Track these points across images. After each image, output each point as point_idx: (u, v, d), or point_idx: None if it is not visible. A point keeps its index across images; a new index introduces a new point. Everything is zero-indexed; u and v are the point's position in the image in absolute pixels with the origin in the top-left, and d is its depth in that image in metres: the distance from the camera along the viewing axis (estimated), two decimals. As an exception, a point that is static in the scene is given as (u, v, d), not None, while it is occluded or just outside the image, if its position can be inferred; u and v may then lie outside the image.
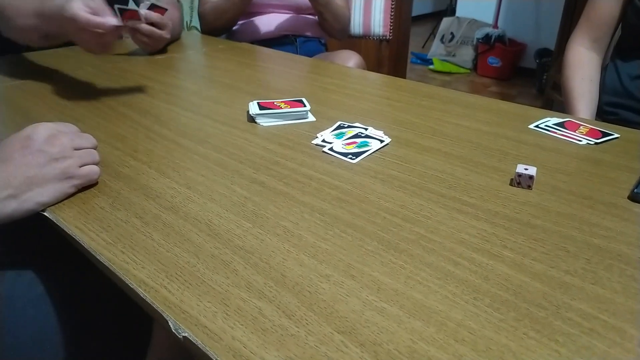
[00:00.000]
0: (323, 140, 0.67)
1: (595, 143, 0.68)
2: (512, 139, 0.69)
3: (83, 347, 0.61)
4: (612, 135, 0.70)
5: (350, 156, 0.62)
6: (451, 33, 3.71)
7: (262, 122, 0.74)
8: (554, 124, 0.74)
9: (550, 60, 2.92)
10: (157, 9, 0.94)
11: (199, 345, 0.34)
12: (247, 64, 1.11)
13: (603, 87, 1.00)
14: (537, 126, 0.73)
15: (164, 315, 0.36)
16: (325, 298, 0.38)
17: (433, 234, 0.46)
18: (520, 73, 3.50)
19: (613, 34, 1.01)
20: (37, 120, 0.54)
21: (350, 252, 0.43)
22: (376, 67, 1.82)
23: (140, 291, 0.38)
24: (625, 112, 0.96)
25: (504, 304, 0.37)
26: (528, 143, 0.68)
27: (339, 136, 0.68)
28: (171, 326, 0.35)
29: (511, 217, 0.49)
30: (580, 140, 0.68)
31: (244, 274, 0.41)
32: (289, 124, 0.74)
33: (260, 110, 0.74)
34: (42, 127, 0.51)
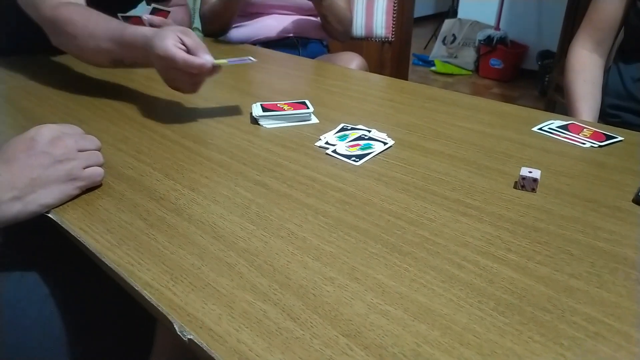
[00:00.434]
0: (326, 143, 0.67)
1: (599, 146, 0.68)
2: (515, 141, 0.69)
3: (87, 348, 0.61)
4: (615, 138, 0.70)
5: (353, 158, 0.62)
6: (453, 35, 3.70)
7: (265, 124, 0.74)
8: (557, 127, 0.74)
9: (553, 62, 2.92)
10: (159, 12, 0.94)
11: (204, 348, 0.34)
12: (250, 65, 1.11)
13: (605, 90, 1.00)
14: (540, 129, 0.73)
15: (169, 317, 0.36)
16: (330, 301, 0.38)
17: (437, 237, 0.46)
18: (523, 75, 3.50)
19: (616, 36, 1.00)
20: (41, 121, 0.54)
21: (354, 255, 0.43)
22: (378, 69, 1.82)
23: (146, 293, 0.38)
24: (628, 115, 0.96)
25: (508, 308, 0.37)
26: (532, 146, 0.68)
27: (342, 138, 0.68)
28: (176, 328, 0.35)
29: (515, 220, 0.49)
30: (584, 143, 0.68)
31: (248, 276, 0.41)
32: (292, 125, 0.74)
33: (263, 112, 0.74)
34: (46, 129, 0.51)
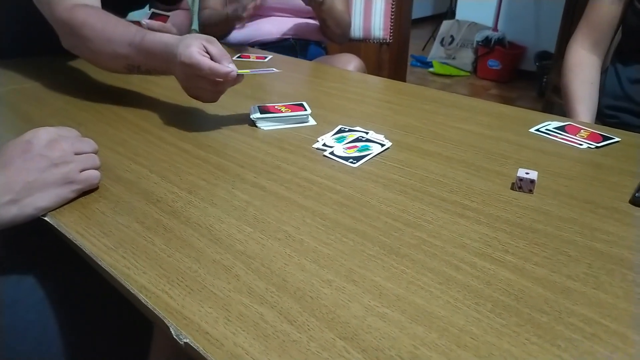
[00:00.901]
0: (324, 144, 0.67)
1: (596, 147, 0.68)
2: (513, 142, 0.69)
3: (84, 351, 0.60)
4: (612, 139, 0.70)
5: (351, 160, 0.62)
6: (451, 36, 3.71)
7: (263, 125, 0.74)
8: (554, 128, 0.74)
9: (550, 63, 2.92)
10: (159, 17, 0.94)
11: (200, 352, 0.33)
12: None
13: (603, 91, 1.00)
14: (538, 130, 0.73)
15: (165, 321, 0.36)
16: (327, 303, 0.38)
17: (434, 239, 0.46)
18: (520, 76, 3.50)
19: (613, 36, 1.01)
20: (38, 124, 0.54)
21: (351, 257, 0.43)
22: (376, 71, 1.82)
23: (142, 297, 0.38)
24: (626, 116, 0.96)
25: (506, 309, 0.37)
26: (529, 147, 0.68)
27: (339, 140, 0.68)
28: (172, 332, 0.35)
29: (513, 222, 0.49)
30: (581, 144, 0.68)
31: (245, 279, 0.40)
32: (289, 127, 0.74)
33: (261, 114, 0.74)
34: (42, 132, 0.51)
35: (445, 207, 0.52)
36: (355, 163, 0.62)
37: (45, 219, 0.49)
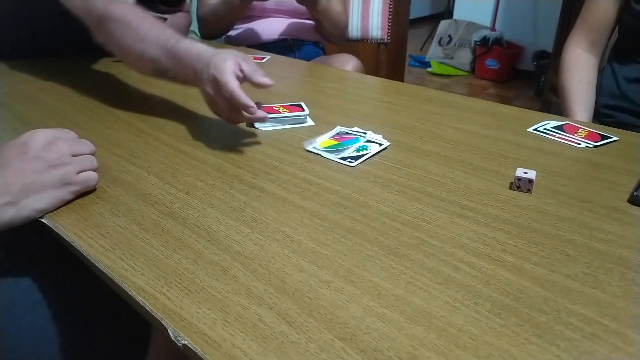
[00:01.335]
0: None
1: (594, 146, 0.68)
2: (511, 142, 0.69)
3: (82, 352, 0.60)
4: (610, 138, 0.70)
5: (349, 160, 0.62)
6: (449, 36, 3.71)
7: (261, 126, 0.74)
8: (552, 127, 0.74)
9: (548, 62, 2.92)
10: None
11: (199, 353, 0.33)
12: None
13: (600, 90, 1.00)
14: (536, 129, 0.73)
15: (163, 322, 0.36)
16: (326, 304, 0.38)
17: (433, 239, 0.46)
18: (518, 75, 3.50)
19: (610, 36, 1.01)
20: (35, 126, 0.53)
21: (350, 258, 0.43)
22: (374, 71, 1.82)
23: (139, 298, 0.38)
24: (622, 115, 0.96)
25: (504, 309, 0.37)
26: (527, 146, 0.68)
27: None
28: (170, 334, 0.35)
29: (511, 221, 0.49)
30: (579, 144, 0.68)
31: (243, 280, 0.40)
32: (287, 128, 0.74)
33: (259, 114, 0.74)
34: (40, 133, 0.51)
35: (443, 207, 0.52)
36: (353, 163, 0.62)
37: (43, 220, 0.49)
